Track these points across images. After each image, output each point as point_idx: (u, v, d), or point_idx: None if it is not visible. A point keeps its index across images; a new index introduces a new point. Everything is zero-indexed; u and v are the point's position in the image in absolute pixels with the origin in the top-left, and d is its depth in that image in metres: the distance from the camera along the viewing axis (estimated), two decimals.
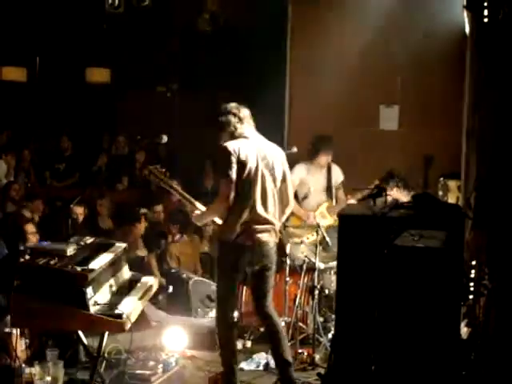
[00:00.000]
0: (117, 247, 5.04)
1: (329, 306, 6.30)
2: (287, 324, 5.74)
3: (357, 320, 4.08)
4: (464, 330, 4.47)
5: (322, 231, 6.00)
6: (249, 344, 5.98)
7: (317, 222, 5.96)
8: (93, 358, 4.71)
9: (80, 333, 4.80)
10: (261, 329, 5.89)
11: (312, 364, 5.54)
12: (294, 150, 6.09)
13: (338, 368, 4.24)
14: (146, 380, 5.14)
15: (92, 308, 4.23)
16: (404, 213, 4.27)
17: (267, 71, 9.66)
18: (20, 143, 10.40)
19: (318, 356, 5.64)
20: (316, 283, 5.77)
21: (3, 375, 4.81)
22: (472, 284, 4.45)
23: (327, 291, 6.16)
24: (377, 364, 3.72)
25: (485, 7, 4.47)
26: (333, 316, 5.87)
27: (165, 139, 5.85)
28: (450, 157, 7.19)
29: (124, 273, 5.10)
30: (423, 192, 6.00)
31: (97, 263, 4.50)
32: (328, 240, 6.10)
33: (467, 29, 6.19)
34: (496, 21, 4.39)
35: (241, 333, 5.88)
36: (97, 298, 4.34)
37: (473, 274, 4.53)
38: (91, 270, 4.34)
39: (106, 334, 4.67)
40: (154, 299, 6.58)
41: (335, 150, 7.05)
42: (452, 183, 6.92)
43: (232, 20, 10.93)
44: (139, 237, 7.94)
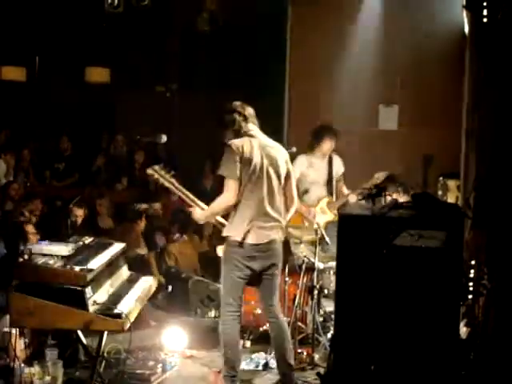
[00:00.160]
0: (116, 247, 5.05)
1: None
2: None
3: (356, 320, 4.08)
4: (463, 330, 4.47)
5: (322, 231, 5.99)
6: (248, 344, 5.97)
7: (316, 222, 5.95)
8: (92, 358, 4.72)
9: (79, 332, 4.81)
10: (260, 328, 5.89)
11: (311, 364, 5.54)
12: (293, 150, 6.10)
13: (338, 368, 4.24)
14: (146, 380, 5.13)
15: (91, 308, 4.23)
16: (403, 213, 4.27)
17: (267, 71, 9.67)
18: (19, 143, 10.39)
19: (318, 356, 5.63)
20: (315, 283, 5.77)
21: (2, 375, 4.81)
22: (471, 284, 4.46)
23: (326, 291, 6.16)
24: (376, 363, 3.72)
25: (484, 7, 4.48)
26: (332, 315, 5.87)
27: (164, 139, 5.85)
28: (450, 156, 7.19)
29: (123, 272, 5.11)
30: (422, 192, 5.99)
31: (96, 263, 4.50)
32: (327, 240, 6.09)
33: (466, 29, 6.20)
34: (495, 21, 4.40)
35: (240, 333, 5.86)
36: (96, 298, 4.34)
37: (472, 274, 4.53)
38: (90, 270, 4.34)
39: (106, 334, 4.67)
40: (154, 299, 6.58)
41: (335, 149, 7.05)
42: (451, 183, 6.92)
43: (231, 20, 10.92)
44: (140, 234, 7.94)
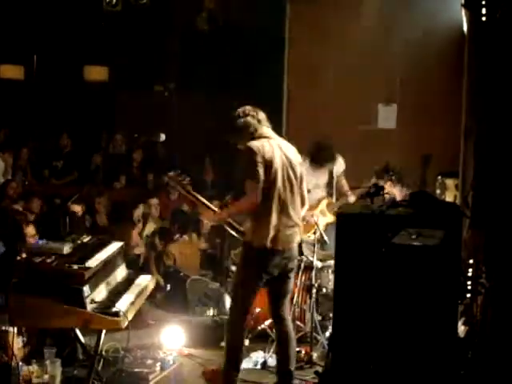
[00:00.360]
0: (114, 245, 5.04)
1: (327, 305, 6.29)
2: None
3: (354, 318, 4.08)
4: (461, 329, 4.48)
5: (320, 230, 5.99)
6: (246, 342, 5.95)
7: (315, 221, 5.95)
8: (90, 357, 4.71)
9: (77, 331, 4.81)
10: (258, 327, 5.89)
11: (310, 362, 5.54)
12: None
13: (336, 366, 4.24)
14: (144, 378, 5.13)
15: (89, 306, 4.23)
16: (402, 211, 4.27)
17: (266, 70, 9.66)
18: (18, 141, 10.39)
19: (316, 354, 5.63)
20: (313, 282, 5.77)
21: (1, 373, 4.80)
22: (469, 283, 4.45)
23: (325, 290, 6.16)
24: (374, 362, 3.72)
25: (483, 6, 4.48)
26: (330, 314, 5.87)
27: (162, 137, 5.86)
28: (448, 155, 7.19)
29: (121, 271, 5.10)
30: (421, 190, 5.99)
31: (94, 261, 4.50)
32: (326, 239, 6.09)
33: (465, 27, 6.20)
34: (494, 19, 4.40)
35: None
36: (94, 296, 4.34)
37: (470, 273, 4.53)
38: (88, 269, 4.34)
39: (104, 332, 4.66)
40: (152, 297, 6.58)
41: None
42: (450, 182, 6.92)
43: (231, 19, 10.93)
44: (138, 234, 7.95)
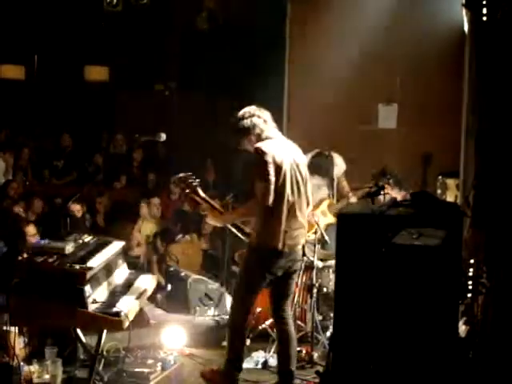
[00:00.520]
0: (115, 245, 5.04)
1: (327, 305, 6.30)
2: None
3: (355, 318, 4.08)
4: (462, 329, 4.48)
5: (321, 229, 5.99)
6: (247, 342, 5.96)
7: (315, 221, 5.95)
8: (91, 356, 4.71)
9: (78, 331, 4.81)
10: (259, 327, 5.89)
11: (310, 362, 5.54)
12: None
13: (337, 366, 4.24)
14: (145, 378, 5.12)
15: (90, 306, 4.24)
16: (402, 211, 4.27)
17: (266, 70, 9.65)
18: (18, 141, 10.39)
19: (317, 354, 5.63)
20: (314, 281, 5.77)
21: (2, 373, 4.80)
22: (470, 282, 4.46)
23: (325, 289, 6.16)
24: (375, 362, 3.72)
25: (484, 6, 4.47)
26: (331, 314, 5.87)
27: (163, 137, 5.84)
28: (449, 155, 7.19)
29: (122, 271, 5.11)
30: (421, 190, 6.00)
31: (95, 261, 4.50)
32: (327, 238, 6.09)
33: (466, 27, 6.19)
34: (495, 19, 4.39)
35: None
36: (95, 296, 4.34)
37: (471, 273, 4.53)
38: (89, 268, 4.34)
39: (105, 332, 4.66)
40: (153, 297, 6.58)
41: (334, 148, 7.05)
42: (450, 181, 6.92)
43: (231, 18, 10.92)
44: (138, 233, 7.95)
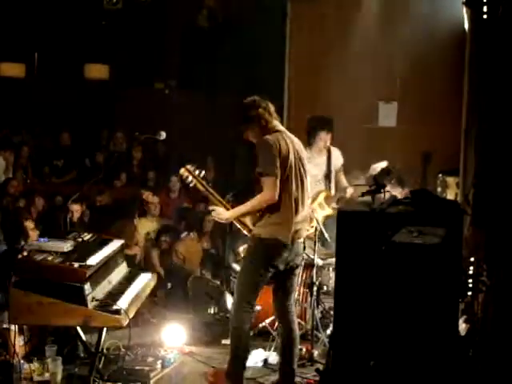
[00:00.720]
0: (114, 243, 5.04)
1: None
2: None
3: (355, 316, 4.08)
4: (462, 327, 4.48)
5: (321, 227, 5.99)
6: None
7: (315, 218, 5.94)
8: (91, 354, 4.72)
9: (78, 329, 4.81)
10: (259, 325, 5.89)
11: (311, 360, 5.53)
12: None
13: (337, 364, 4.24)
14: (145, 376, 5.12)
15: (90, 304, 4.23)
16: (402, 209, 4.27)
17: (266, 68, 9.65)
18: (18, 139, 10.38)
19: (317, 352, 5.63)
20: (314, 279, 5.77)
21: (2, 371, 4.81)
22: (470, 280, 4.46)
23: (326, 287, 6.16)
24: (375, 360, 3.72)
25: (484, 4, 4.48)
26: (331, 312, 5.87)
27: (163, 135, 5.83)
28: (449, 153, 7.20)
29: (122, 269, 5.10)
30: (421, 188, 6.00)
31: (95, 259, 4.50)
32: (327, 236, 6.09)
33: (467, 25, 6.20)
34: (495, 17, 4.39)
35: None
36: (95, 294, 4.34)
37: (471, 271, 4.54)
38: (89, 266, 4.34)
39: (105, 330, 4.67)
40: (153, 295, 6.58)
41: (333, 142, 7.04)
42: (450, 180, 6.92)
43: (231, 17, 10.92)
44: (137, 232, 7.94)
